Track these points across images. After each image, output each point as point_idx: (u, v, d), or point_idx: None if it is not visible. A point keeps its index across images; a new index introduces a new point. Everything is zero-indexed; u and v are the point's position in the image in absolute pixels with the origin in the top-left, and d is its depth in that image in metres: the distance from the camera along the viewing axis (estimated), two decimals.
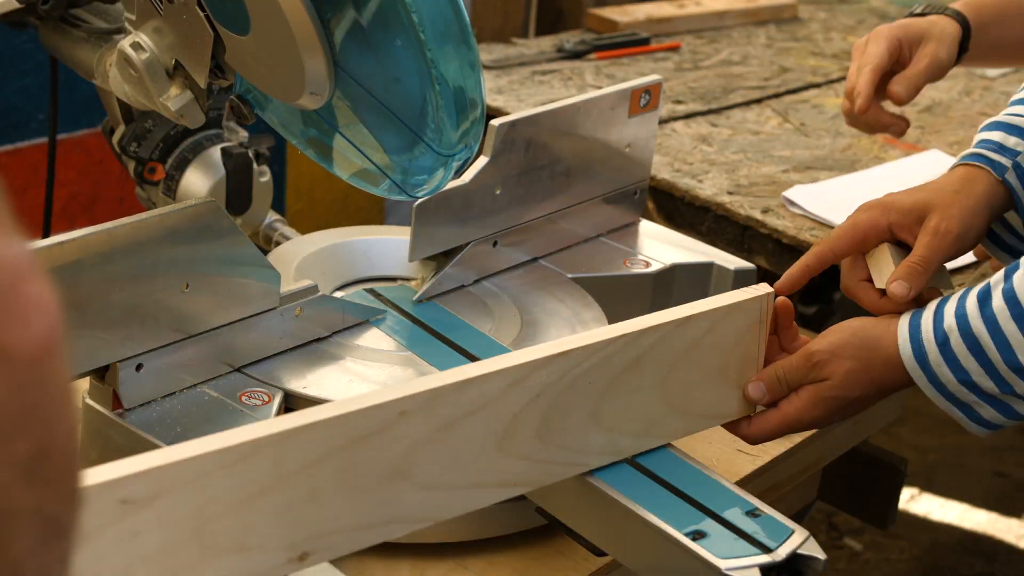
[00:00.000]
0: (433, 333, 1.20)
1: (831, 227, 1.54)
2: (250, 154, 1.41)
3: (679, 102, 2.00)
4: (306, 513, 0.83)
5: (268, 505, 0.81)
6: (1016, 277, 1.01)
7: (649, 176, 1.46)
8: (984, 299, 1.02)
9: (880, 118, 1.38)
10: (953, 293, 1.06)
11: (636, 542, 0.99)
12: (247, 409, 1.05)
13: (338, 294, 1.28)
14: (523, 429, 0.93)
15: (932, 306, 1.05)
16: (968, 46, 1.39)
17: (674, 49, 2.24)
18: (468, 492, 0.92)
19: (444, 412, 0.88)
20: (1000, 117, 1.17)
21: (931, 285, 1.10)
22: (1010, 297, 1.00)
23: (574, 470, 0.98)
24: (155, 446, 0.98)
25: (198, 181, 1.40)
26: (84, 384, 1.04)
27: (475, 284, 1.30)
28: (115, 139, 1.41)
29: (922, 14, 1.40)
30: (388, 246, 1.33)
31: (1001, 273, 1.02)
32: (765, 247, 1.58)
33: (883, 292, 1.10)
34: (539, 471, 0.96)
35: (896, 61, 1.38)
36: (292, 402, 1.07)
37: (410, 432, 0.86)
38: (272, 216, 1.47)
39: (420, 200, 1.20)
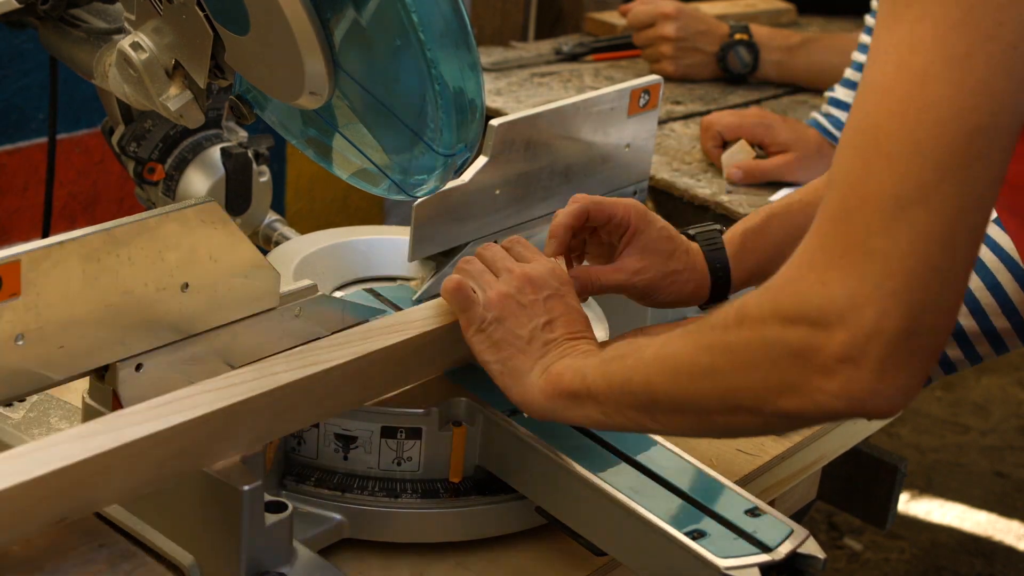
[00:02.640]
0: None
1: None
2: (249, 154, 1.41)
3: (678, 103, 2.01)
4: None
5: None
6: None
7: (648, 175, 1.46)
8: None
9: None
10: None
11: (636, 542, 0.99)
12: None
13: (338, 294, 1.28)
14: None
15: None
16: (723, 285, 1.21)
17: None
18: None
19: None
20: None
21: None
22: None
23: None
24: None
25: (198, 181, 1.40)
26: (84, 384, 1.04)
27: None
28: (115, 139, 1.41)
29: (691, 237, 1.22)
30: (388, 246, 1.33)
31: None
32: None
33: None
34: None
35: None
36: None
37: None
38: (272, 216, 1.48)
39: (420, 200, 1.20)
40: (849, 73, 1.74)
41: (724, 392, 0.87)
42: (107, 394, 1.02)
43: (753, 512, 1.00)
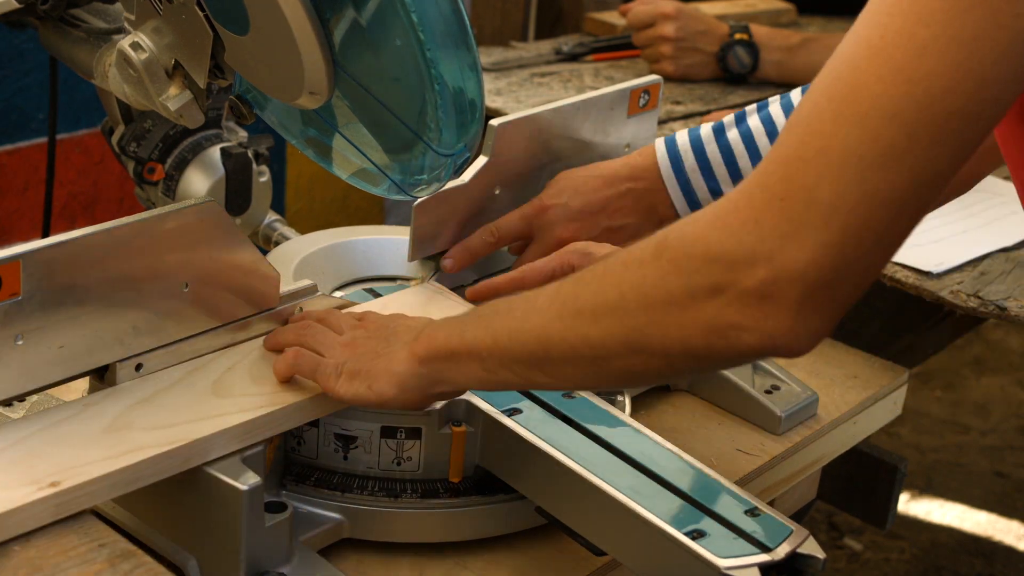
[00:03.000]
0: None
1: None
2: (249, 154, 1.41)
3: (678, 103, 2.01)
4: (51, 454, 0.93)
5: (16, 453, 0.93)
6: (768, 111, 1.24)
7: None
8: (740, 119, 1.25)
9: None
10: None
11: (636, 542, 0.99)
12: None
13: (338, 294, 1.28)
14: (236, 376, 1.04)
15: (683, 131, 1.27)
16: None
17: None
18: (192, 425, 0.97)
19: (157, 381, 1.02)
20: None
21: None
22: (766, 119, 1.23)
23: (288, 399, 1.03)
24: None
25: (197, 181, 1.40)
26: (84, 384, 1.04)
27: (474, 284, 1.30)
28: (114, 139, 1.41)
29: None
30: (388, 246, 1.33)
31: (750, 107, 1.26)
32: None
33: None
34: (252, 402, 1.01)
35: None
36: None
37: (123, 400, 0.99)
38: (271, 216, 1.48)
39: (420, 200, 1.20)
40: None
41: (630, 331, 0.85)
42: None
43: (753, 512, 0.99)
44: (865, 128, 0.78)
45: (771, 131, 1.21)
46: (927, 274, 1.45)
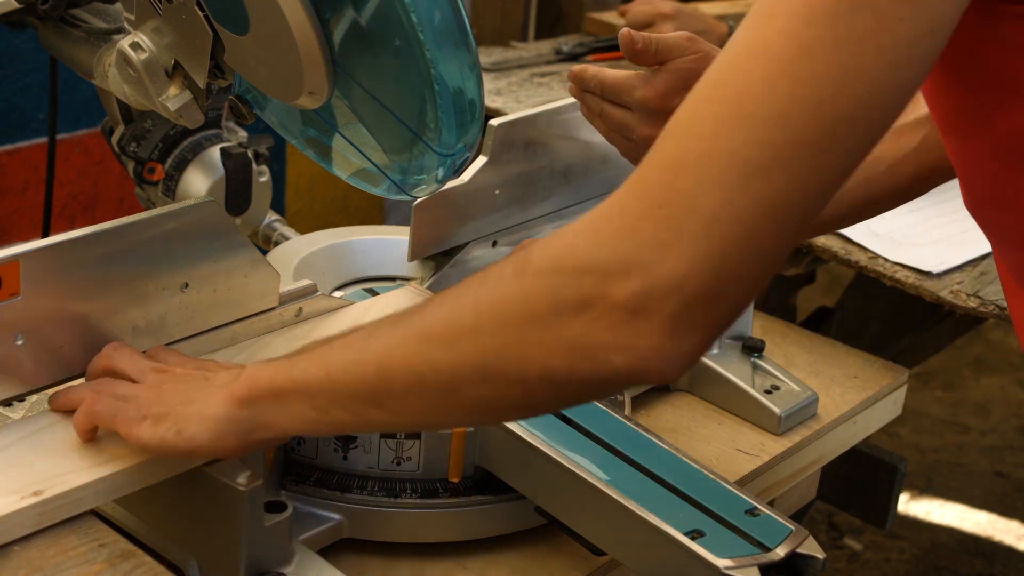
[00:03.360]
0: None
1: None
2: (249, 154, 1.41)
3: None
4: (33, 463, 0.92)
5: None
6: None
7: None
8: None
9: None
10: None
11: (636, 542, 0.99)
12: None
13: (338, 294, 1.28)
14: None
15: None
16: None
17: None
18: None
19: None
20: None
21: None
22: None
23: None
24: None
25: (197, 181, 1.40)
26: None
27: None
28: (114, 139, 1.41)
29: None
30: (388, 246, 1.33)
31: None
32: None
33: None
34: None
35: None
36: None
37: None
38: (271, 216, 1.48)
39: (420, 200, 1.20)
40: None
41: (484, 353, 0.79)
42: None
43: (752, 512, 1.00)
44: (750, 131, 0.73)
45: None
46: (927, 274, 1.45)
